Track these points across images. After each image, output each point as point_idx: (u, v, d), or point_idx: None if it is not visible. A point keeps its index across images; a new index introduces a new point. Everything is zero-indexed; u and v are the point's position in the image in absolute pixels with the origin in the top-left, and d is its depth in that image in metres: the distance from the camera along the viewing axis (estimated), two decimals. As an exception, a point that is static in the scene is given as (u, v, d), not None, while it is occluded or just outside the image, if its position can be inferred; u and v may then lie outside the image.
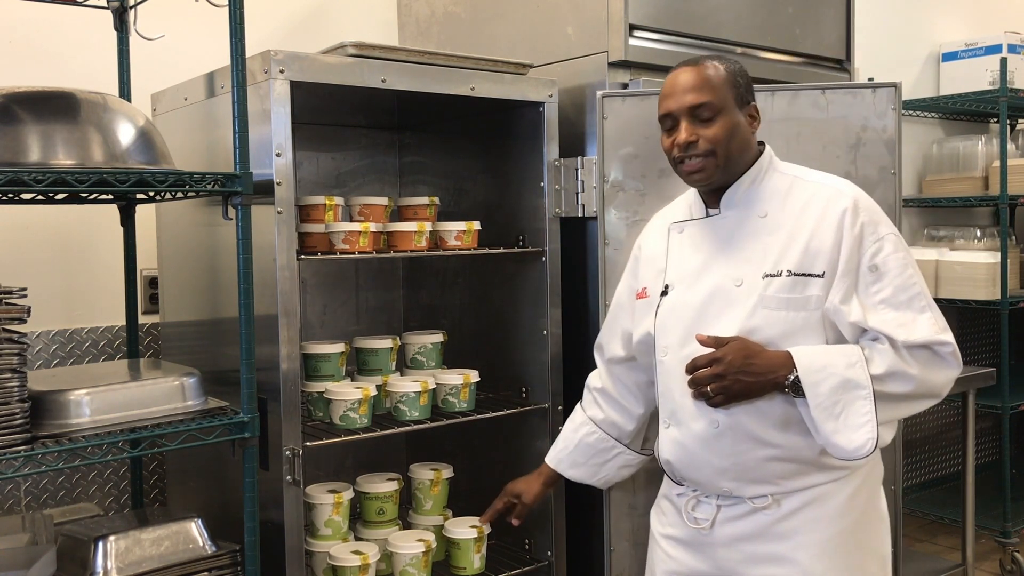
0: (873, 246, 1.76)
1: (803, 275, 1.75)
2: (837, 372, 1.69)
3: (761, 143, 1.89)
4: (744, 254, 1.81)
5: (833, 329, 1.76)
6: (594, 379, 2.17)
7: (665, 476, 1.99)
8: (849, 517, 1.80)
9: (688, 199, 1.96)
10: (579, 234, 2.49)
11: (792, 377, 1.69)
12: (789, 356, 1.71)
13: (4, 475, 1.67)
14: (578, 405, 2.20)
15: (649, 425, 2.13)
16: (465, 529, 2.37)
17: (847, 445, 1.68)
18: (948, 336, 1.75)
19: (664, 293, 1.89)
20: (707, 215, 1.89)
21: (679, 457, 1.86)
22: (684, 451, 1.84)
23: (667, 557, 1.94)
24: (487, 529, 2.34)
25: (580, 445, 2.14)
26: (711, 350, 1.74)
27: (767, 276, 1.76)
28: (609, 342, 2.11)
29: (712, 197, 1.88)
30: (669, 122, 1.83)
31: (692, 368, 1.75)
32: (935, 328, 1.75)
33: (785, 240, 1.78)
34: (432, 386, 2.34)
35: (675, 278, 1.88)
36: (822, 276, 1.75)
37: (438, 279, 2.87)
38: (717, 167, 1.80)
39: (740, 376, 1.70)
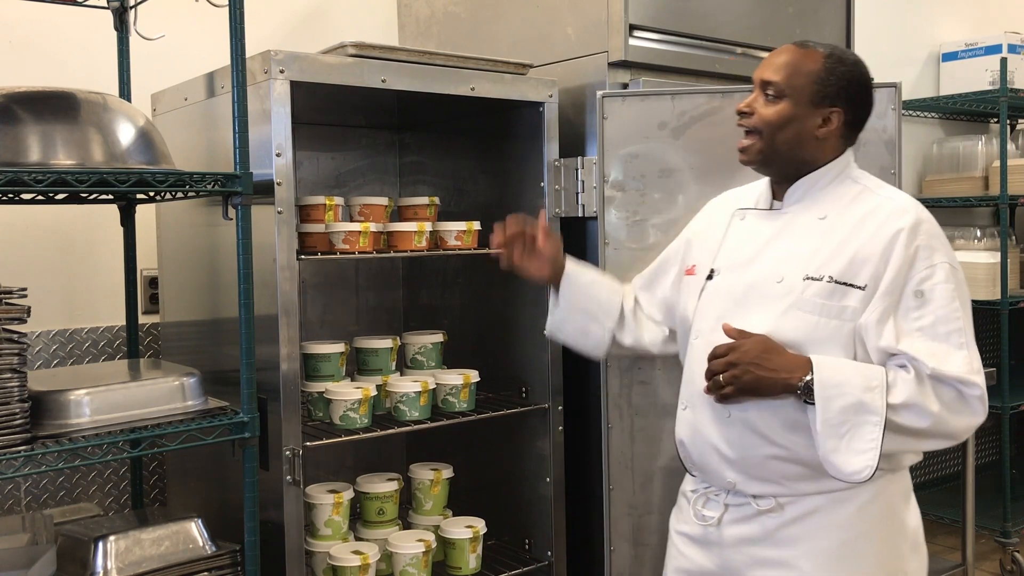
0: (924, 271, 1.71)
1: (844, 284, 1.71)
2: (853, 392, 1.64)
3: (844, 150, 1.83)
4: (791, 252, 1.79)
5: (863, 345, 1.72)
6: (643, 300, 2.10)
7: (686, 474, 1.99)
8: (858, 528, 1.75)
9: (759, 187, 1.93)
10: (579, 234, 2.48)
11: (806, 380, 1.66)
12: (808, 362, 1.68)
13: (4, 475, 1.67)
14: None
15: (613, 343, 2.09)
16: (460, 529, 2.37)
17: (844, 467, 1.65)
18: (979, 379, 1.67)
19: (709, 277, 1.88)
20: (771, 207, 1.88)
21: (692, 440, 1.85)
22: (697, 435, 1.84)
23: (679, 554, 1.94)
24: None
25: (600, 286, 2.07)
26: (733, 341, 1.73)
27: (808, 278, 1.74)
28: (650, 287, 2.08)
29: (779, 189, 1.87)
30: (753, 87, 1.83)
31: (711, 357, 1.74)
32: (967, 367, 1.67)
33: (836, 246, 1.74)
34: (432, 386, 2.34)
35: (723, 264, 1.87)
36: (863, 289, 1.70)
37: (438, 279, 2.87)
38: (760, 151, 1.79)
39: (752, 368, 1.67)
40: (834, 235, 1.76)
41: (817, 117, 1.78)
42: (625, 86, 2.44)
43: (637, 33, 2.44)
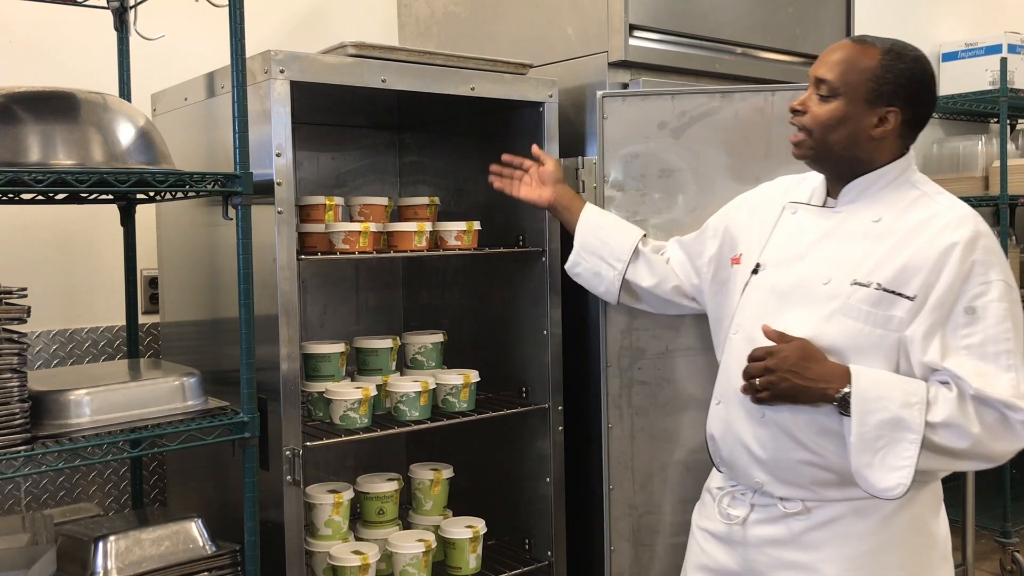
0: (977, 288, 1.64)
1: (892, 292, 1.66)
2: (891, 408, 1.61)
3: (905, 151, 1.80)
4: (841, 254, 1.74)
5: (907, 357, 1.67)
6: (673, 245, 2.17)
7: (712, 469, 1.98)
8: (884, 537, 1.73)
9: (814, 180, 1.90)
10: (579, 234, 2.48)
11: (844, 392, 1.63)
12: (847, 373, 1.64)
13: (4, 475, 1.67)
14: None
15: (626, 289, 2.16)
16: (460, 529, 2.37)
17: (876, 483, 1.62)
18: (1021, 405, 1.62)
19: (755, 271, 1.86)
20: (824, 204, 1.84)
21: (722, 436, 1.85)
22: (728, 432, 1.82)
23: (700, 551, 1.93)
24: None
25: (614, 228, 2.18)
26: (773, 344, 1.71)
27: (855, 284, 1.69)
28: (689, 252, 2.12)
29: (835, 187, 1.83)
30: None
31: (751, 359, 1.72)
32: (1013, 390, 1.61)
33: (887, 252, 1.69)
34: (432, 386, 2.34)
35: (769, 259, 1.85)
36: (912, 299, 1.65)
37: (438, 279, 2.86)
38: (811, 148, 1.77)
39: (789, 375, 1.65)
40: (886, 240, 1.71)
41: (873, 116, 1.73)
42: (625, 86, 2.44)
43: (637, 33, 2.44)
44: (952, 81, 4.39)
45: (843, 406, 1.64)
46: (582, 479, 2.50)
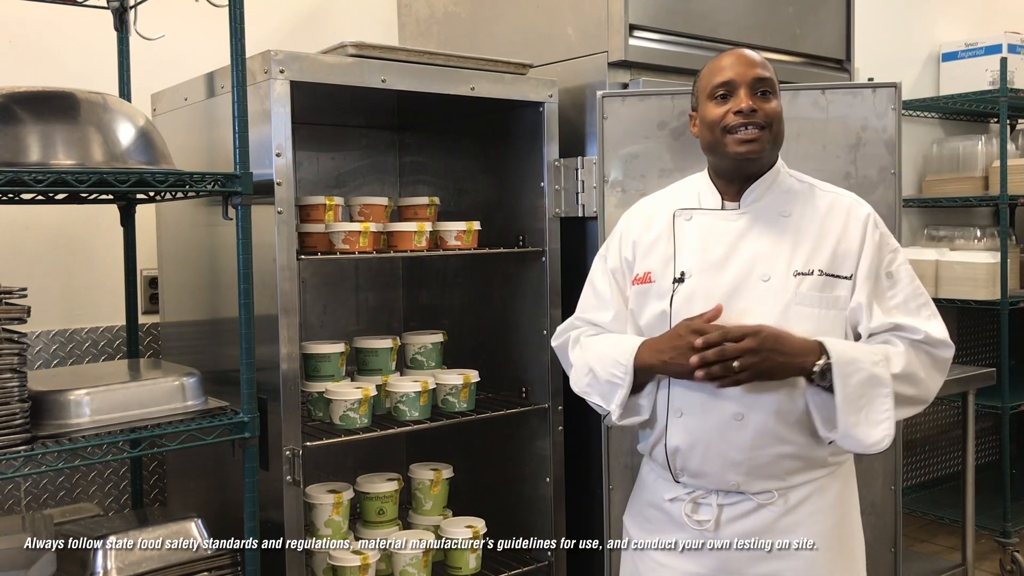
0: (889, 255, 1.84)
1: (833, 276, 1.79)
2: (865, 368, 1.72)
3: None
4: (769, 251, 1.81)
5: (853, 331, 1.81)
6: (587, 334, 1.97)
7: (644, 481, 1.94)
8: (843, 507, 1.87)
9: (696, 187, 1.92)
10: (579, 234, 2.49)
11: (822, 363, 1.70)
12: (818, 344, 1.72)
13: (4, 475, 1.68)
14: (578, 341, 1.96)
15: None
16: (460, 529, 2.37)
17: (865, 439, 1.71)
18: (951, 342, 1.83)
19: (679, 281, 1.84)
20: (723, 207, 1.87)
21: (690, 446, 1.80)
22: (697, 441, 1.80)
23: (657, 566, 1.89)
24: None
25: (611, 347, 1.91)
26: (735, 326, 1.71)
27: (798, 274, 1.78)
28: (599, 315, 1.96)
29: (730, 189, 1.86)
30: (723, 91, 1.81)
31: (719, 339, 1.66)
32: (944, 334, 1.82)
33: (813, 241, 1.81)
34: (432, 386, 2.34)
35: (691, 267, 1.83)
36: (849, 279, 1.80)
37: (438, 279, 2.87)
38: (768, 143, 1.80)
39: (772, 354, 1.68)
40: (807, 231, 1.82)
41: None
42: (625, 86, 2.44)
43: (637, 33, 2.44)
44: (952, 81, 4.40)
45: (821, 376, 1.71)
46: (582, 479, 2.50)
